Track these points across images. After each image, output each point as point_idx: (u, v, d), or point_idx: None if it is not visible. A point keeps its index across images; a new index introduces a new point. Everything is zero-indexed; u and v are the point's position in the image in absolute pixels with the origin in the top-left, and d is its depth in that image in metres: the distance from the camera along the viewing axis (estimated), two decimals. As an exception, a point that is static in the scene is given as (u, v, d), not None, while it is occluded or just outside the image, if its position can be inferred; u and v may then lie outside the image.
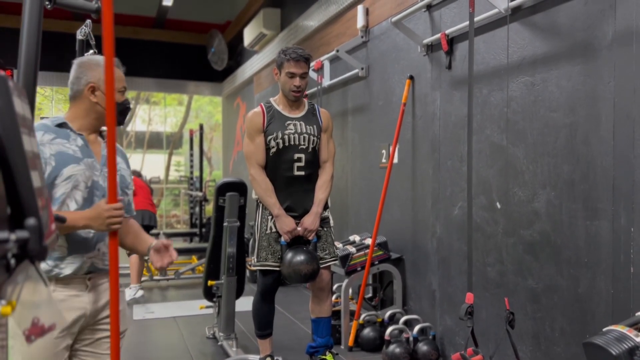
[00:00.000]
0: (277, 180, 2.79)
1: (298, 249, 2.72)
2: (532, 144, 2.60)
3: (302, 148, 2.80)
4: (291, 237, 2.74)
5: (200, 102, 17.37)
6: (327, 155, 2.91)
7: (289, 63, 2.75)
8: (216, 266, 3.66)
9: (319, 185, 2.86)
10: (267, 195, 2.75)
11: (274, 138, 2.76)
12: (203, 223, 7.65)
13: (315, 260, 2.71)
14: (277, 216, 2.73)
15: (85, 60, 1.76)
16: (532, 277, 2.62)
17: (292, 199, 2.80)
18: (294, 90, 2.77)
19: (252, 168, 2.79)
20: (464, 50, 3.11)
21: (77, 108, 1.74)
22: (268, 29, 6.38)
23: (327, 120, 2.93)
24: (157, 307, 4.87)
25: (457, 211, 3.18)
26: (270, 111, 2.83)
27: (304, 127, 2.82)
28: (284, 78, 2.79)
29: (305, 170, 2.81)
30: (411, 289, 3.68)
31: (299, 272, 2.66)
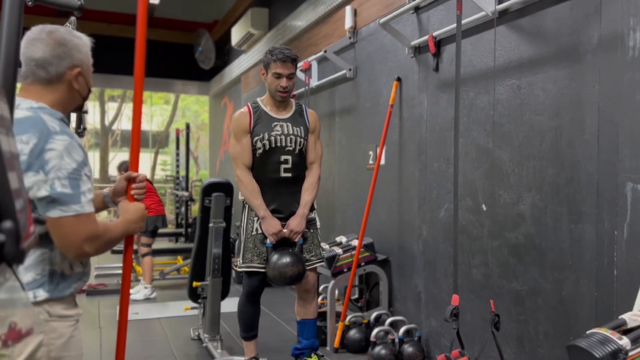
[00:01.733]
0: (264, 181, 2.77)
1: (283, 251, 2.70)
2: (517, 147, 2.62)
3: (289, 150, 2.77)
4: (277, 239, 2.72)
5: (186, 101, 17.29)
6: (314, 157, 2.89)
7: (275, 63, 2.73)
8: (201, 267, 3.64)
9: (305, 187, 2.84)
10: (253, 197, 2.72)
11: (260, 139, 2.74)
12: (189, 223, 7.60)
13: (300, 263, 2.70)
14: (263, 218, 2.72)
15: (67, 36, 1.45)
16: (516, 279, 2.63)
17: (279, 200, 2.78)
18: (280, 91, 2.75)
19: (238, 169, 2.77)
20: (452, 53, 3.12)
21: (56, 94, 1.43)
22: (256, 28, 6.35)
23: (314, 122, 2.91)
24: (141, 308, 4.82)
25: (443, 213, 3.19)
26: (257, 111, 2.80)
27: (291, 128, 2.80)
28: (270, 78, 2.77)
29: (292, 172, 2.79)
30: (397, 290, 3.69)
31: (284, 275, 2.64)
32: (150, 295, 5.17)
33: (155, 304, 5.04)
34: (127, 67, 9.46)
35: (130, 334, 4.14)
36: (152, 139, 16.98)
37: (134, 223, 1.54)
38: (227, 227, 3.56)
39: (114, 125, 17.04)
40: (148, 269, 5.22)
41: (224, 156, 8.60)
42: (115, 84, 9.56)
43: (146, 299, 5.14)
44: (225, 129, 8.52)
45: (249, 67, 7.01)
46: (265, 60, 2.81)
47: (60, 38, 1.44)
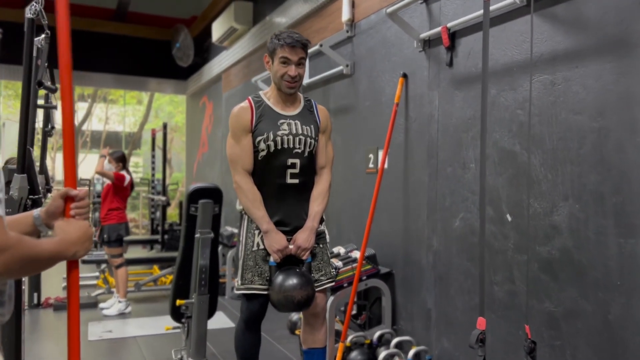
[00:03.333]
0: (267, 189, 2.38)
1: (290, 271, 2.30)
2: (551, 150, 2.33)
3: (297, 152, 2.36)
4: (282, 257, 2.34)
5: (160, 101, 16.71)
6: (324, 161, 2.50)
7: (282, 49, 2.30)
8: (185, 283, 3.24)
9: (314, 195, 2.45)
10: (254, 207, 2.33)
11: (264, 140, 2.33)
12: (165, 229, 7.15)
13: (310, 285, 2.30)
14: (266, 232, 2.32)
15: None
16: (549, 299, 2.34)
17: (284, 211, 2.38)
18: (288, 81, 2.32)
19: (238, 174, 2.36)
20: (468, 46, 2.83)
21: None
22: (239, 23, 5.98)
23: (325, 120, 2.52)
24: (115, 325, 4.39)
25: (457, 223, 2.89)
26: (259, 107, 2.38)
27: (300, 127, 2.38)
28: (276, 66, 2.34)
29: (299, 178, 2.39)
30: (402, 307, 3.37)
31: (291, 299, 2.24)
32: (125, 310, 4.74)
33: (130, 319, 4.61)
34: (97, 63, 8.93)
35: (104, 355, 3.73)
36: (124, 140, 16.35)
37: (74, 245, 1.22)
38: (216, 238, 3.18)
39: (84, 126, 16.35)
40: (122, 282, 4.78)
41: (202, 158, 8.18)
42: (86, 81, 9.02)
43: (120, 314, 4.71)
44: (204, 130, 8.10)
45: (231, 65, 6.63)
46: (270, 46, 2.38)
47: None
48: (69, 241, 1.22)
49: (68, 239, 1.22)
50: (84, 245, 1.24)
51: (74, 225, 1.26)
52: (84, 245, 1.25)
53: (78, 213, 1.29)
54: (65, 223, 1.26)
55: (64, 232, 1.23)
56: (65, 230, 1.24)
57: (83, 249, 1.24)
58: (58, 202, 1.30)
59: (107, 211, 4.94)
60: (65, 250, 1.20)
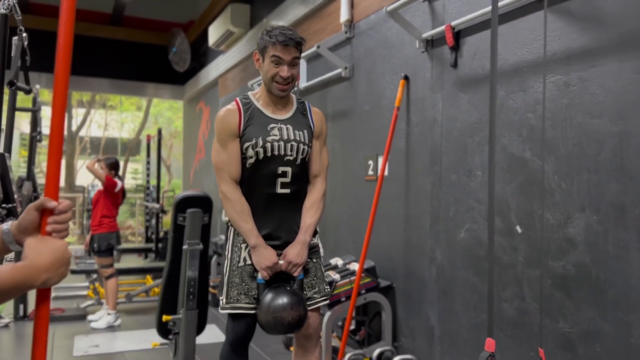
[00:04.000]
0: (255, 199, 2.16)
1: (280, 289, 2.08)
2: (565, 157, 2.15)
3: (289, 159, 2.13)
4: (271, 274, 2.12)
5: (159, 107, 16.56)
6: (319, 168, 2.25)
7: (274, 47, 2.07)
8: (172, 297, 3.05)
9: (307, 206, 2.20)
10: (241, 220, 2.11)
11: (253, 146, 2.09)
12: (159, 238, 6.96)
13: (301, 304, 2.08)
14: (254, 247, 2.10)
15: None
16: (564, 318, 2.15)
17: (273, 223, 2.16)
18: (279, 82, 2.09)
19: (224, 183, 2.12)
20: (474, 45, 2.65)
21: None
22: (236, 26, 5.82)
23: (320, 123, 2.26)
24: (102, 339, 4.19)
25: (463, 234, 2.70)
26: (248, 109, 2.14)
27: (292, 132, 2.15)
28: (267, 65, 2.10)
29: (291, 187, 2.17)
30: (403, 322, 3.17)
31: (280, 321, 2.02)
32: (114, 323, 4.54)
33: (119, 332, 4.41)
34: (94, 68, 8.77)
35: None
36: (121, 147, 16.19)
37: (46, 271, 1.00)
38: (205, 249, 2.99)
39: (83, 132, 16.20)
40: (112, 293, 4.59)
41: (199, 165, 8.00)
42: (82, 86, 8.86)
43: (109, 327, 4.51)
44: (200, 136, 7.93)
45: (227, 69, 6.46)
46: (260, 43, 2.15)
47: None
48: (39, 267, 1.00)
49: (38, 264, 1.00)
50: (58, 271, 1.02)
51: (48, 245, 1.03)
52: (59, 272, 1.03)
53: (55, 230, 1.06)
54: (38, 242, 1.04)
55: (35, 253, 1.02)
56: (36, 251, 1.02)
57: (57, 275, 1.02)
58: (32, 214, 1.06)
59: (99, 219, 4.76)
60: (32, 277, 0.99)
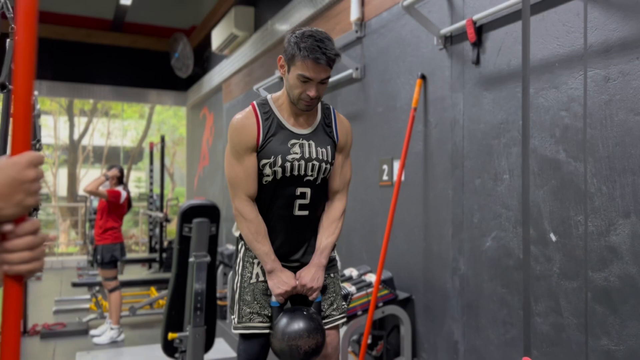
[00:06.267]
0: (270, 219, 1.95)
1: (296, 314, 1.88)
2: (605, 158, 1.97)
3: (309, 180, 1.91)
4: (286, 297, 1.93)
5: (163, 115, 16.44)
6: (340, 184, 2.01)
7: (304, 62, 1.77)
8: (179, 313, 2.88)
9: (325, 224, 1.99)
10: (257, 241, 1.90)
11: (271, 164, 1.87)
12: (164, 247, 6.79)
13: (319, 331, 1.87)
14: (271, 271, 1.91)
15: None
16: (607, 335, 1.96)
17: (290, 244, 1.97)
18: (305, 100, 1.84)
19: (239, 201, 1.90)
20: (498, 40, 2.48)
21: None
22: (240, 29, 5.67)
23: (345, 135, 2.01)
24: (105, 356, 4.01)
25: (489, 243, 2.52)
26: (268, 120, 1.90)
27: (314, 149, 1.91)
28: (293, 80, 1.82)
29: (310, 209, 1.95)
30: (423, 337, 2.99)
31: (296, 350, 1.82)
32: (117, 338, 4.36)
33: (123, 348, 4.23)
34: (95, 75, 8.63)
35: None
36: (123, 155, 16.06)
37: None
38: (212, 261, 2.82)
39: (85, 141, 16.07)
40: (115, 307, 4.41)
41: (203, 172, 7.84)
42: (84, 93, 8.71)
43: (112, 343, 4.33)
44: (204, 143, 7.77)
45: (231, 74, 6.31)
46: (288, 50, 1.83)
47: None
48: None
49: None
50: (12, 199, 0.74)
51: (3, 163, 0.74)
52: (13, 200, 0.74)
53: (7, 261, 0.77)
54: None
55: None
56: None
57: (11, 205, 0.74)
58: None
59: (102, 231, 4.58)
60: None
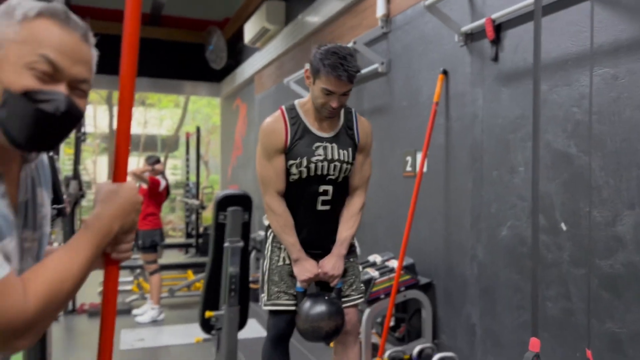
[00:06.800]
0: (296, 212, 2.19)
1: (318, 299, 2.12)
2: (613, 153, 2.08)
3: (331, 179, 2.15)
4: (310, 283, 2.18)
5: (197, 104, 16.84)
6: (359, 181, 2.24)
7: (327, 78, 2.00)
8: (215, 294, 3.11)
9: (345, 218, 2.22)
10: (285, 233, 2.16)
11: (297, 165, 2.11)
12: (200, 233, 7.10)
13: (340, 314, 2.11)
14: (296, 260, 2.16)
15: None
16: (612, 319, 2.09)
17: (314, 235, 2.21)
18: (329, 110, 2.07)
19: (269, 196, 2.17)
20: (516, 39, 2.59)
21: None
22: (271, 23, 5.85)
23: (365, 137, 2.24)
24: (147, 333, 4.32)
25: (505, 232, 2.65)
26: (295, 125, 2.13)
27: (336, 151, 2.14)
28: (317, 91, 2.06)
29: (331, 205, 2.19)
30: (443, 320, 3.15)
31: (318, 330, 2.06)
32: (158, 317, 4.67)
33: (163, 327, 4.53)
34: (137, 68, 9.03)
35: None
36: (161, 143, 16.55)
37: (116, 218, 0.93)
38: (246, 246, 3.04)
39: (123, 129, 16.59)
40: (156, 288, 4.71)
41: (237, 162, 8.10)
42: (123, 86, 9.07)
43: (153, 322, 4.64)
44: (237, 133, 8.02)
45: (263, 66, 6.51)
46: (314, 63, 2.06)
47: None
48: (109, 216, 0.92)
49: (106, 214, 0.93)
50: (128, 217, 0.95)
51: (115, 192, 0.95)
52: (129, 218, 0.95)
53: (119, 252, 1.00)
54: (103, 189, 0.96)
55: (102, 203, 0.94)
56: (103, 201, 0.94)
57: (128, 222, 0.95)
58: None
59: (143, 216, 4.88)
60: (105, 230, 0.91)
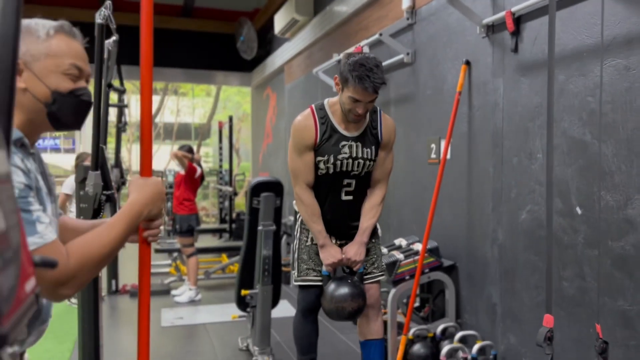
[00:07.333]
0: (322, 201, 2.42)
1: (342, 282, 2.35)
2: (625, 140, 2.19)
3: (355, 174, 2.37)
4: (335, 267, 2.41)
5: (228, 92, 17.14)
6: (381, 175, 2.45)
7: (355, 88, 2.18)
8: (250, 274, 3.34)
9: (366, 208, 2.44)
10: (312, 221, 2.38)
11: (325, 161, 2.32)
12: (232, 219, 7.37)
13: (361, 296, 2.35)
14: (322, 246, 2.39)
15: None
16: (623, 297, 2.21)
17: (337, 220, 2.44)
18: (355, 115, 2.27)
19: (299, 187, 2.38)
20: (534, 31, 2.69)
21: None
22: (300, 14, 6.00)
23: (388, 135, 2.43)
24: (186, 312, 4.59)
25: (524, 215, 2.78)
26: (324, 124, 2.33)
27: (360, 150, 2.35)
28: (345, 98, 2.24)
29: (354, 195, 2.42)
30: (466, 300, 3.30)
31: (342, 310, 2.31)
32: (195, 298, 4.95)
33: (200, 306, 4.81)
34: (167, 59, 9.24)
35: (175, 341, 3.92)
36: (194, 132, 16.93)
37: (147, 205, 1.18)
38: (277, 229, 3.25)
39: (157, 119, 17.07)
40: (193, 270, 4.98)
41: (267, 149, 8.33)
42: (157, 76, 9.32)
43: (191, 302, 4.92)
44: (268, 121, 8.24)
45: (292, 56, 6.68)
46: (343, 72, 2.24)
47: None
48: (142, 202, 1.18)
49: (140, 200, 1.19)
50: (156, 204, 1.21)
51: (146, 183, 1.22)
52: (157, 205, 1.21)
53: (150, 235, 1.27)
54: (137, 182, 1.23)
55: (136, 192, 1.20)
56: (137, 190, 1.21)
57: (156, 208, 1.21)
58: None
59: (179, 202, 5.15)
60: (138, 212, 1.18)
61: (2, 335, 0.52)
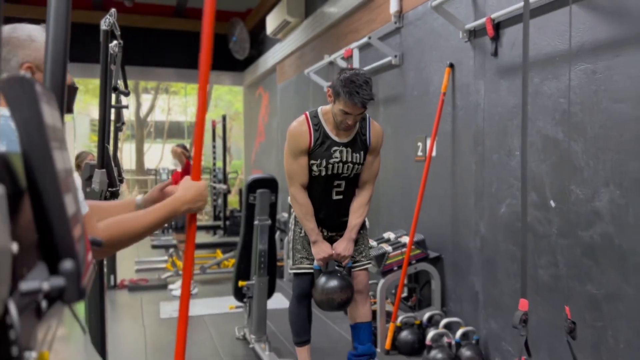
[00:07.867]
0: (315, 199, 2.64)
1: (332, 275, 2.59)
2: (592, 138, 2.39)
3: (345, 176, 2.60)
4: (326, 262, 2.64)
5: (219, 91, 17.25)
6: (368, 177, 2.68)
7: (345, 102, 2.40)
8: (246, 266, 3.52)
9: (354, 207, 2.67)
10: (306, 220, 2.60)
11: (318, 165, 2.55)
12: (226, 216, 7.54)
13: (350, 288, 2.59)
14: (314, 242, 2.61)
15: (10, 34, 1.25)
16: (591, 282, 2.42)
17: (329, 217, 2.68)
18: (345, 125, 2.49)
19: (294, 188, 2.60)
20: (513, 36, 2.89)
21: None
22: (292, 16, 6.17)
23: (376, 140, 2.64)
24: (183, 305, 4.75)
25: (504, 209, 2.98)
26: (317, 130, 2.55)
27: (350, 154, 2.57)
28: (337, 110, 2.46)
29: (343, 194, 2.65)
30: (451, 289, 3.50)
31: (332, 301, 2.55)
32: (192, 291, 5.11)
33: (197, 300, 4.97)
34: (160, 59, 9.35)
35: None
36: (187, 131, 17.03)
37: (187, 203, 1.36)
38: (273, 224, 3.43)
39: (148, 117, 17.16)
40: None
41: (260, 147, 8.50)
42: (150, 76, 9.52)
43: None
44: (260, 120, 8.40)
45: (284, 57, 6.85)
46: (336, 86, 2.45)
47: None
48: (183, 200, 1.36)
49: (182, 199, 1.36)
50: (196, 204, 1.38)
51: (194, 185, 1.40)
52: (197, 205, 1.38)
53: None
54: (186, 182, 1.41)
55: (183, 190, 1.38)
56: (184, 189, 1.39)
57: (195, 207, 1.38)
58: (157, 193, 1.56)
59: None
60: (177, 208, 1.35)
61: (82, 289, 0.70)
